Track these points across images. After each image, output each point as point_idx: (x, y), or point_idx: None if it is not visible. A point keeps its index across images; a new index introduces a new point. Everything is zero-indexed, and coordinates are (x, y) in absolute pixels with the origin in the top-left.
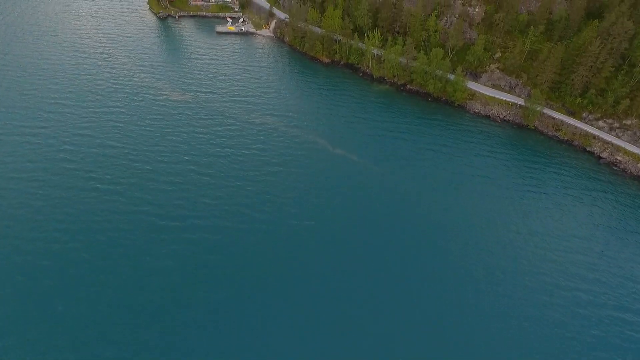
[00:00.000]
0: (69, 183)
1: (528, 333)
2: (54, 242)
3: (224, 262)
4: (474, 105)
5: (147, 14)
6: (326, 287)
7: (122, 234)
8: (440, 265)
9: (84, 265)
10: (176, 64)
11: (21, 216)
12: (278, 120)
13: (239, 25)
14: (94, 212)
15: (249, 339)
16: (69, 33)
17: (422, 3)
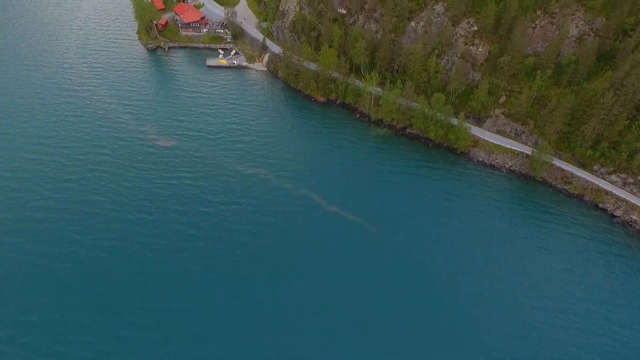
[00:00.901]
0: (47, 245)
1: None
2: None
3: (213, 342)
4: (478, 153)
5: (136, 45)
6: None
7: (106, 313)
8: (445, 335)
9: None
10: (164, 102)
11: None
12: (270, 170)
13: (230, 59)
14: (70, 290)
15: None
16: (54, 67)
17: (422, 41)
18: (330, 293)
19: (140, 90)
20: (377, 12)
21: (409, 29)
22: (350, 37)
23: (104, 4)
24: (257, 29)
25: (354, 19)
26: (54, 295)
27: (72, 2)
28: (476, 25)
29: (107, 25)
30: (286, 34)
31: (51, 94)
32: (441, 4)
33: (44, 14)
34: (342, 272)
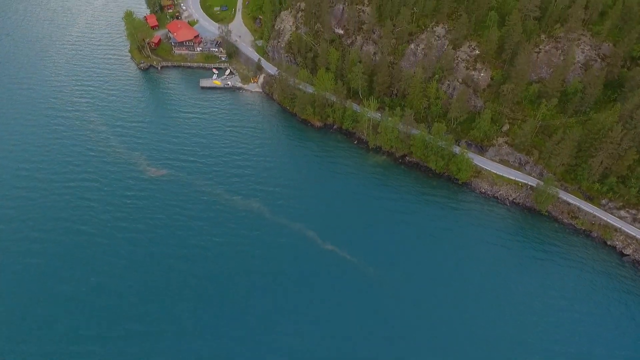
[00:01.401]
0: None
1: None
2: None
3: None
4: (480, 184)
5: (128, 63)
6: None
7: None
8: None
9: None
10: (156, 126)
11: None
12: (264, 201)
13: (225, 79)
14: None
15: None
16: (45, 86)
17: (422, 66)
18: (323, 344)
19: (132, 113)
20: (376, 34)
21: (408, 51)
22: (348, 60)
23: (97, 19)
24: (252, 47)
25: (352, 39)
26: (38, 333)
27: (65, 18)
28: (478, 49)
29: (99, 42)
30: (282, 54)
31: (41, 115)
32: (441, 26)
33: (36, 29)
34: (336, 318)
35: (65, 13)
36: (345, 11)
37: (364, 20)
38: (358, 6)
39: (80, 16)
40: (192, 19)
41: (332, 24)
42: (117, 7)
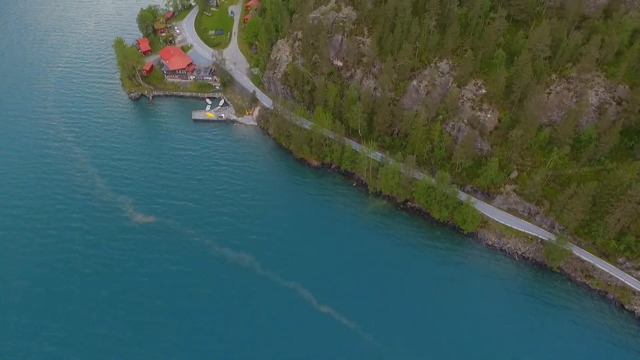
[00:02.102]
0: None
1: None
2: None
3: None
4: (487, 235)
5: (118, 92)
6: None
7: None
8: None
9: None
10: (145, 164)
11: None
12: (256, 253)
13: (218, 111)
14: None
15: None
16: (32, 117)
17: (425, 108)
18: None
19: (120, 148)
20: (376, 68)
21: (410, 88)
22: (347, 97)
23: (90, 41)
24: (247, 75)
25: (351, 72)
26: None
27: (57, 39)
28: (485, 87)
29: (90, 67)
30: (278, 85)
31: (26, 152)
32: (446, 62)
33: (28, 51)
34: None
35: (57, 33)
36: (344, 42)
37: (363, 52)
38: (358, 37)
39: (72, 37)
40: (186, 44)
41: (331, 55)
42: (110, 28)
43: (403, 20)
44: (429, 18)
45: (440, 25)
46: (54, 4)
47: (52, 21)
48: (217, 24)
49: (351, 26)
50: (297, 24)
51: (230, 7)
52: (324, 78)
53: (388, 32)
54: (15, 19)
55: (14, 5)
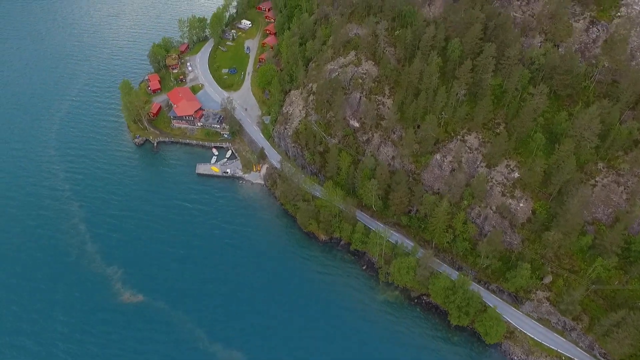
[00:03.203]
0: None
1: None
2: None
3: None
4: (513, 349)
5: (123, 135)
6: None
7: None
8: None
9: None
10: (140, 225)
11: None
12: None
13: (224, 165)
14: None
15: None
16: (32, 162)
17: (447, 186)
18: None
19: (118, 202)
20: (396, 134)
21: (433, 162)
22: (361, 170)
23: (103, 70)
24: (258, 125)
25: (368, 136)
26: None
27: (71, 66)
28: (518, 170)
29: (99, 101)
30: (288, 142)
31: (20, 199)
32: (475, 135)
33: (42, 77)
34: None
35: (72, 59)
36: (363, 102)
37: (383, 115)
38: (377, 97)
39: (85, 66)
40: (197, 84)
41: (347, 114)
42: (124, 58)
43: (429, 86)
44: (458, 86)
45: (471, 94)
46: (72, 28)
47: (69, 45)
48: (231, 62)
49: (371, 84)
50: (313, 75)
51: (247, 42)
52: (336, 144)
53: (411, 98)
54: (33, 42)
55: (33, 27)
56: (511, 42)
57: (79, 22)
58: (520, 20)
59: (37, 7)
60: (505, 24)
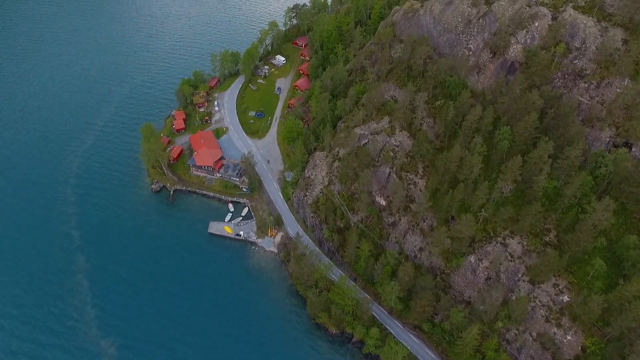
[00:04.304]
0: None
1: None
2: None
3: None
4: None
5: (141, 179)
6: None
7: None
8: None
9: None
10: (144, 287)
11: None
12: None
13: (237, 226)
14: None
15: None
16: (46, 209)
17: (481, 300)
18: None
19: (124, 257)
20: (426, 222)
21: (466, 264)
22: (381, 265)
23: (132, 99)
24: (278, 182)
25: (395, 219)
26: None
27: (104, 90)
28: (569, 293)
29: (124, 135)
30: (307, 211)
31: (27, 253)
32: (518, 240)
33: (71, 102)
34: None
35: (104, 84)
36: (392, 179)
37: (413, 196)
38: (409, 175)
39: (116, 91)
40: (222, 126)
41: (374, 189)
42: (156, 86)
43: (468, 177)
44: (503, 182)
45: (518, 190)
46: (112, 47)
47: (107, 66)
48: (259, 103)
49: (403, 159)
50: (341, 138)
51: (279, 82)
52: (358, 224)
53: (447, 186)
54: (74, 60)
55: (76, 43)
56: (574, 137)
57: (119, 42)
58: (586, 107)
59: (81, 21)
60: (568, 116)
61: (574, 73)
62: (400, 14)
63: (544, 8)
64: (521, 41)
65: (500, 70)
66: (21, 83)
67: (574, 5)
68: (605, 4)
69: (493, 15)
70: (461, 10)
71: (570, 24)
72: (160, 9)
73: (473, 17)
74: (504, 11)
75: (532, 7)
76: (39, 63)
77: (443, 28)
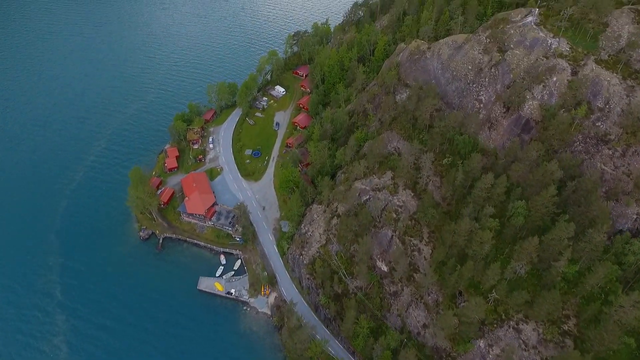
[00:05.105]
0: None
1: None
2: None
3: None
4: None
5: (129, 224)
6: None
7: None
8: None
9: None
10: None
11: None
12: None
13: (229, 283)
14: None
15: None
16: (27, 249)
17: None
18: None
19: (104, 320)
20: (431, 296)
21: (475, 349)
22: (381, 347)
23: (125, 131)
24: (274, 232)
25: (397, 288)
26: None
27: (98, 119)
28: None
29: (114, 172)
30: (302, 272)
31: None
32: (533, 326)
33: (64, 131)
34: None
35: (99, 111)
36: (394, 243)
37: (417, 265)
38: (413, 240)
39: (110, 121)
40: (216, 166)
41: (375, 252)
42: (148, 121)
43: (478, 254)
44: (516, 262)
45: (534, 270)
46: (112, 72)
47: (103, 90)
48: (257, 139)
49: (407, 222)
50: (340, 192)
51: (278, 116)
52: (357, 293)
53: (455, 261)
54: (65, 83)
55: (67, 68)
56: (597, 217)
57: (116, 64)
58: (610, 177)
59: (78, 40)
60: (590, 193)
61: (596, 137)
62: (406, 54)
63: (563, 61)
64: (537, 97)
65: (514, 128)
66: (12, 110)
67: (596, 59)
68: (631, 60)
69: (507, 65)
70: (471, 57)
71: (592, 80)
72: (161, 29)
73: (484, 65)
74: (519, 61)
75: (550, 59)
76: (31, 88)
77: (452, 75)
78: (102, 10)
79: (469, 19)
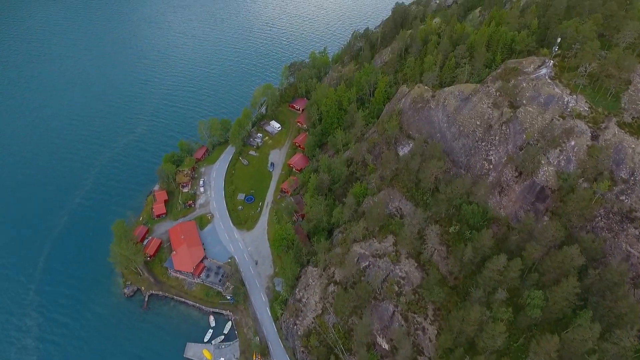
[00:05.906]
0: None
1: None
2: None
3: None
4: None
5: (114, 279)
6: None
7: None
8: None
9: None
10: None
11: None
12: None
13: (219, 350)
14: None
15: None
16: (7, 306)
17: None
18: None
19: None
20: None
21: None
22: None
23: (116, 170)
24: (266, 291)
25: None
26: None
27: (84, 157)
28: None
29: (93, 223)
30: (296, 343)
31: None
32: None
33: (37, 181)
34: None
35: (86, 149)
36: (396, 319)
37: (421, 346)
38: (416, 317)
39: (93, 166)
40: (207, 213)
41: (375, 327)
42: (139, 159)
43: (490, 347)
44: (535, 356)
45: None
46: (99, 97)
47: (93, 120)
48: (250, 181)
49: (411, 296)
50: (337, 255)
51: (272, 154)
52: None
53: (463, 353)
54: (52, 112)
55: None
56: (625, 315)
57: (109, 89)
58: (638, 261)
59: (70, 63)
60: (617, 287)
61: (620, 213)
62: (408, 101)
63: (582, 122)
64: (554, 162)
65: (528, 195)
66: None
67: (619, 121)
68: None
69: (519, 124)
70: (480, 111)
71: (615, 147)
72: (155, 52)
73: (494, 121)
74: (532, 120)
75: (567, 120)
76: (19, 116)
77: (458, 131)
78: (94, 31)
79: (476, 66)
